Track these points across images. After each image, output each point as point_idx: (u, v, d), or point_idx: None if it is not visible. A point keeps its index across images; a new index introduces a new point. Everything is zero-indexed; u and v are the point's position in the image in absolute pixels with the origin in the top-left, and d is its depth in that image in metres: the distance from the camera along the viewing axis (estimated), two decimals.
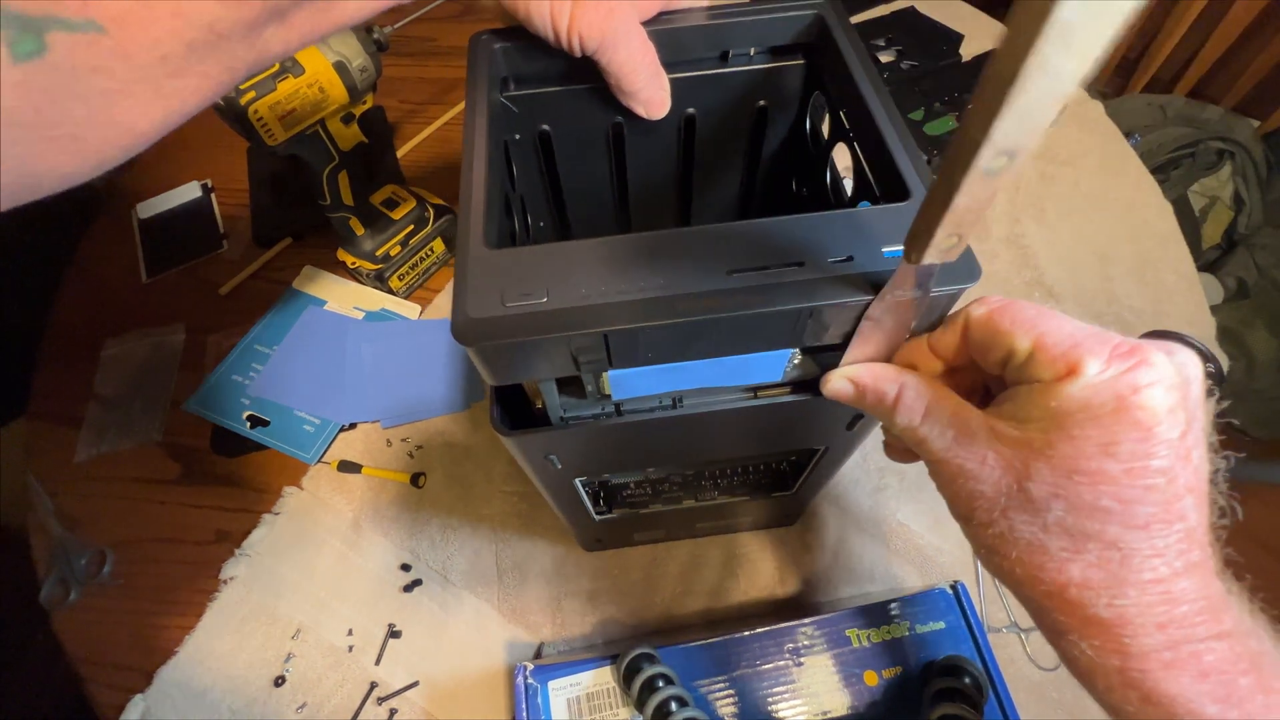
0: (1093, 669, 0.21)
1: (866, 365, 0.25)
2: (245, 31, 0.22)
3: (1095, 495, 0.19)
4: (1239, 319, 1.23)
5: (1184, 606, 0.19)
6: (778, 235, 0.24)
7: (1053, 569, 0.20)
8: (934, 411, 0.23)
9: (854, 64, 0.30)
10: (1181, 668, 0.19)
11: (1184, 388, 0.19)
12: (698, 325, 0.22)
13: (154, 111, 0.21)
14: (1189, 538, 0.19)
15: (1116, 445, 0.19)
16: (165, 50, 0.20)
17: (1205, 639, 0.19)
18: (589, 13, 0.29)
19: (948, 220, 0.17)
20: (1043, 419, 0.20)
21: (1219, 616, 0.19)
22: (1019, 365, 0.21)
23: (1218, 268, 1.28)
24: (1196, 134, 1.24)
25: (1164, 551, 0.19)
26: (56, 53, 0.18)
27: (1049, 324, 0.20)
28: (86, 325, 0.66)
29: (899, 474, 0.52)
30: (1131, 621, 0.19)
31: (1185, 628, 0.19)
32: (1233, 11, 1.31)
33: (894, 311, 0.23)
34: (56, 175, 0.21)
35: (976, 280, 0.22)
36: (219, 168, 0.76)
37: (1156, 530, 0.19)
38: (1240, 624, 0.20)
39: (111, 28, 0.18)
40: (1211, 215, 1.27)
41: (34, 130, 0.19)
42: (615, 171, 0.40)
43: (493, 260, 0.23)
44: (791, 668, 0.42)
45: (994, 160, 0.14)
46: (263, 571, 0.51)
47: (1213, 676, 0.19)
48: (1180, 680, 0.19)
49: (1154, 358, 0.19)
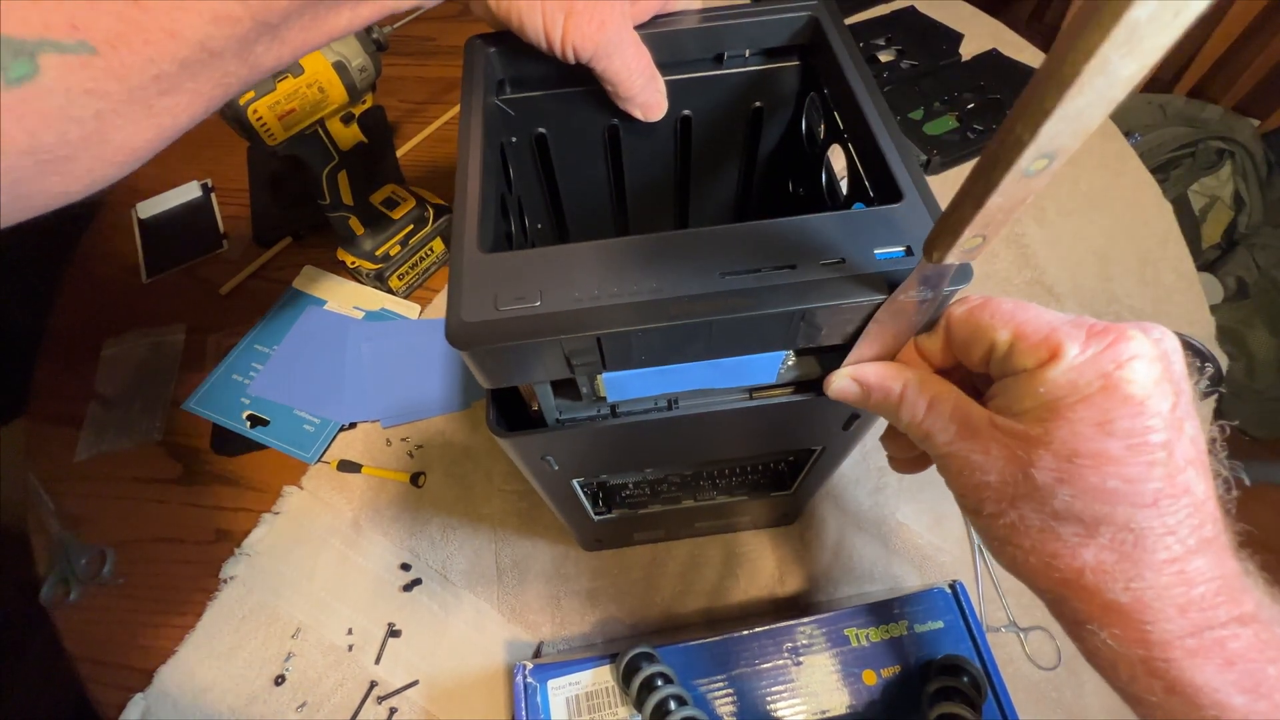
0: (1115, 660, 0.21)
1: (871, 364, 0.25)
2: (238, 48, 0.22)
3: (1101, 477, 0.19)
4: (1239, 319, 1.22)
5: (1200, 587, 0.19)
6: (770, 237, 0.24)
7: (1066, 555, 0.20)
8: (937, 406, 0.23)
9: (847, 66, 0.30)
10: (1206, 656, 0.19)
11: (1165, 360, 0.19)
12: (690, 328, 0.22)
13: (147, 130, 0.21)
14: (1198, 511, 0.19)
15: (1112, 423, 0.19)
16: (158, 70, 0.20)
17: (1227, 623, 0.19)
18: (581, 24, 0.29)
19: (978, 220, 0.17)
20: (1035, 407, 0.20)
21: (1238, 598, 0.19)
22: (1002, 358, 0.21)
23: (1218, 267, 1.28)
24: (1196, 134, 1.24)
25: (1176, 529, 0.19)
26: (49, 75, 0.18)
27: (1026, 314, 0.21)
28: (86, 325, 0.66)
29: (899, 474, 0.52)
30: (1150, 605, 0.19)
31: (1205, 610, 0.19)
32: (1233, 11, 1.31)
33: (902, 313, 0.23)
34: (50, 195, 0.21)
35: (969, 281, 0.22)
36: (219, 168, 0.76)
37: (1165, 506, 0.19)
38: (1263, 608, 0.20)
39: (103, 49, 0.18)
40: (1211, 215, 1.27)
41: (28, 155, 0.19)
42: (612, 173, 0.40)
43: (486, 264, 0.23)
44: (790, 667, 0.42)
45: (1035, 162, 0.14)
46: (262, 571, 0.51)
47: (1239, 665, 0.19)
48: (1205, 669, 0.19)
49: (1130, 333, 0.19)
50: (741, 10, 0.33)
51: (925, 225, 0.24)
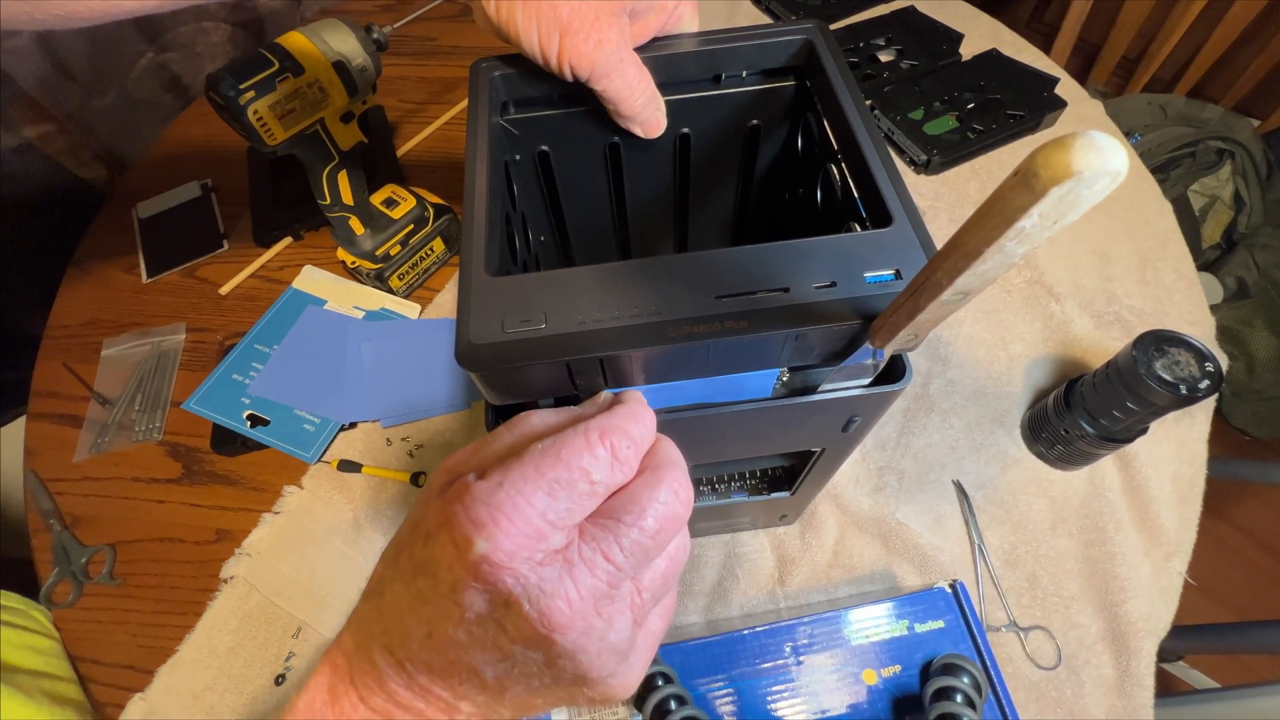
0: None
1: None
2: None
3: None
4: (1239, 319, 1.23)
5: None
6: (764, 261, 0.25)
7: None
8: None
9: (840, 89, 0.31)
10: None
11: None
12: (689, 349, 0.23)
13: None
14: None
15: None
16: None
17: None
18: (579, 43, 0.29)
19: (910, 326, 0.20)
20: None
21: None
22: None
23: (1218, 267, 1.28)
24: (1196, 134, 1.24)
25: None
26: None
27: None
28: (86, 325, 0.66)
29: (899, 474, 0.52)
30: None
31: None
32: (1233, 11, 1.31)
33: (851, 374, 0.27)
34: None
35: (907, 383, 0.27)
36: (219, 168, 0.76)
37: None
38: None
39: None
40: (1211, 215, 1.27)
41: None
42: (613, 188, 0.41)
43: (493, 287, 0.24)
44: (791, 666, 0.42)
45: (952, 296, 0.18)
46: (263, 570, 0.51)
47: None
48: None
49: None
50: (739, 33, 0.34)
51: (914, 249, 0.25)
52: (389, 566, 0.22)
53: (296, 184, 0.69)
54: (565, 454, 0.20)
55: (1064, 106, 0.72)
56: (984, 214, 0.15)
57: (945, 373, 0.57)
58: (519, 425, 0.23)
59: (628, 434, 0.22)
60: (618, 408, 0.23)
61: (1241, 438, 1.24)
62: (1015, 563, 0.48)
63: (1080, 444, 0.48)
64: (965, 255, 0.16)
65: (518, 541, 0.19)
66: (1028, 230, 0.14)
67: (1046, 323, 0.59)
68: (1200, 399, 0.40)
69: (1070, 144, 0.12)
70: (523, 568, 0.19)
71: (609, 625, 0.21)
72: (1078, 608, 0.46)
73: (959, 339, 0.59)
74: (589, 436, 0.21)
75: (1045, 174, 0.12)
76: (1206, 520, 0.50)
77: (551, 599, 0.19)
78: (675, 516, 0.22)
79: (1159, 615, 0.46)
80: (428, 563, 0.20)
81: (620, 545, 0.20)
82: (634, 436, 0.22)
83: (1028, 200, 0.13)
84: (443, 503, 0.20)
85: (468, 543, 0.19)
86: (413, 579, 0.20)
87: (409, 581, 0.20)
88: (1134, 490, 0.51)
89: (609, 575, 0.20)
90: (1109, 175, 0.12)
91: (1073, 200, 0.13)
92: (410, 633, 0.20)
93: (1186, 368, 0.41)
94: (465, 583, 0.19)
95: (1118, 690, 0.44)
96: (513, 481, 0.20)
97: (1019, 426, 0.54)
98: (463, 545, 0.19)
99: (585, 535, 0.21)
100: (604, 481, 0.21)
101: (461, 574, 0.19)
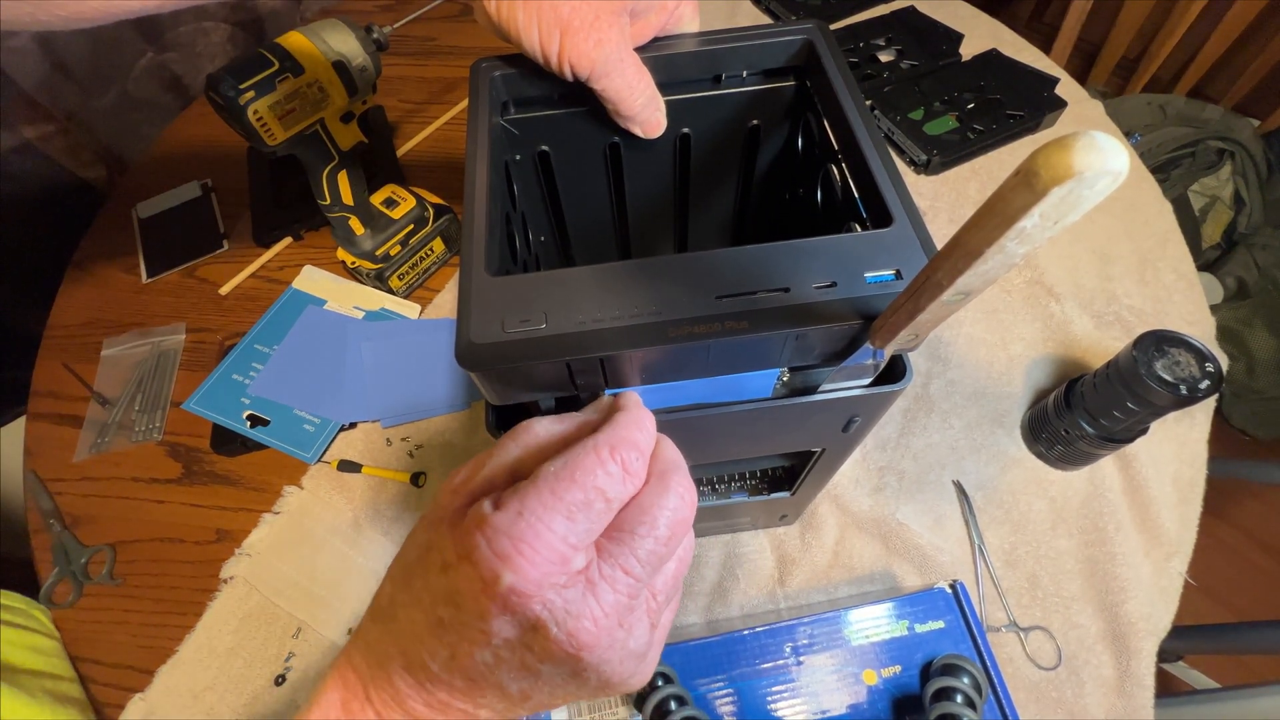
0: None
1: None
2: None
3: None
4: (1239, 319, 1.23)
5: None
6: (764, 261, 0.24)
7: None
8: None
9: (840, 89, 0.31)
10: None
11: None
12: (689, 349, 0.23)
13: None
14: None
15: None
16: None
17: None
18: (579, 42, 0.29)
19: (911, 326, 0.20)
20: None
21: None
22: None
23: (1218, 267, 1.28)
24: (1196, 134, 1.24)
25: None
26: None
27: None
28: (86, 325, 0.66)
29: (899, 474, 0.52)
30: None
31: None
32: (1233, 11, 1.31)
33: (851, 374, 0.26)
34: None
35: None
36: (219, 168, 0.76)
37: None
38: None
39: None
40: (1211, 215, 1.27)
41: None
42: (613, 188, 0.41)
43: (494, 287, 0.24)
44: (791, 667, 0.42)
45: (953, 296, 0.18)
46: (263, 571, 0.51)
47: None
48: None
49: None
50: (739, 34, 0.34)
51: (915, 249, 0.25)
52: (401, 590, 0.22)
53: (296, 184, 0.69)
54: (580, 475, 0.21)
55: (1064, 107, 0.72)
56: (985, 214, 0.15)
57: (945, 373, 0.57)
58: (524, 436, 0.23)
59: (636, 445, 0.22)
60: (620, 416, 0.23)
61: (1241, 438, 1.24)
62: (1015, 563, 0.48)
63: (1080, 444, 0.48)
64: (966, 255, 0.16)
65: (543, 570, 0.19)
66: (1029, 230, 0.14)
67: (1046, 323, 0.59)
68: (1200, 399, 0.40)
69: (1071, 144, 0.12)
70: (549, 594, 0.19)
71: (629, 634, 0.21)
72: (1078, 608, 0.46)
73: (959, 339, 0.59)
74: (600, 454, 0.21)
75: (1046, 174, 0.12)
76: (1206, 520, 0.50)
77: (578, 620, 0.20)
78: (683, 520, 0.22)
79: (1159, 615, 0.46)
80: (450, 593, 0.20)
81: (637, 557, 0.21)
82: (641, 446, 0.22)
83: (1029, 200, 0.13)
84: (460, 533, 0.20)
85: (495, 577, 0.19)
86: (432, 607, 0.20)
87: (428, 609, 0.21)
88: (1134, 490, 0.51)
89: (629, 588, 0.21)
90: (1110, 175, 0.12)
91: (1074, 200, 0.13)
92: (433, 655, 0.20)
93: (1186, 368, 0.41)
94: (492, 613, 0.19)
95: (1118, 690, 0.44)
96: (532, 509, 0.20)
97: (1019, 427, 0.54)
98: (490, 579, 0.19)
99: (603, 553, 0.21)
100: (619, 498, 0.21)
101: (487, 604, 0.19)
